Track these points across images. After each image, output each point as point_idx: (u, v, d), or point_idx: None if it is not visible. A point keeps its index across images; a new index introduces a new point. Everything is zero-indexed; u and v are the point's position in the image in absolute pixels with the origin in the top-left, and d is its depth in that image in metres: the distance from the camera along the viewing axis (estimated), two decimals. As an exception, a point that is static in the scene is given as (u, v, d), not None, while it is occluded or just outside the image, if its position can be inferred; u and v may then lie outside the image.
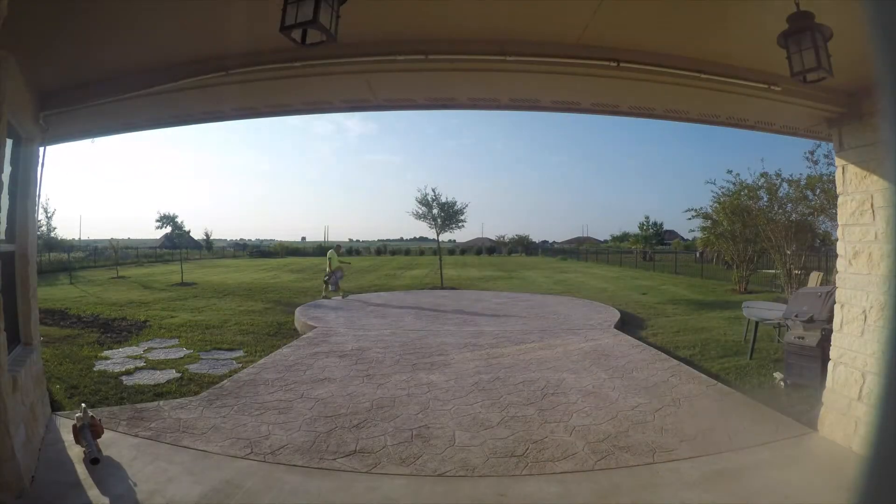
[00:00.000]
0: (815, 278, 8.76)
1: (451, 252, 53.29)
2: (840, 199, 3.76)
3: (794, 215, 12.66)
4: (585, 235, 72.83)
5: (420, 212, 17.62)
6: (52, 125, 3.92)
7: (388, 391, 5.01)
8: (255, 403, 4.59)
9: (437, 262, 20.96)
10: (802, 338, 4.99)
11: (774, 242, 12.91)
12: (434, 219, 17.57)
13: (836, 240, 3.82)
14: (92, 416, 3.57)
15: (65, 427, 3.66)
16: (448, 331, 8.32)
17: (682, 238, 45.91)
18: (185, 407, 4.47)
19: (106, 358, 6.38)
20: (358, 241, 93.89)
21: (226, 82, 3.45)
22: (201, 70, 3.26)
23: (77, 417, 3.52)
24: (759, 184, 13.10)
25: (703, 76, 3.15)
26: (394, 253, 54.18)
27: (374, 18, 2.78)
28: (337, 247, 15.82)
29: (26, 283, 3.69)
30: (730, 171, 13.77)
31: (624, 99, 4.03)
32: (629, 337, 7.81)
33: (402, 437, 3.87)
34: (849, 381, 3.52)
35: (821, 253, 13.27)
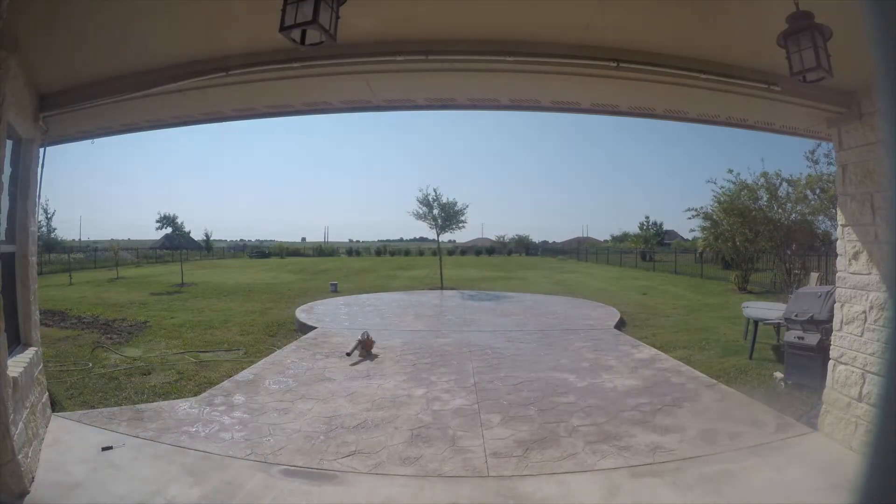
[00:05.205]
0: (815, 279, 8.77)
1: (451, 253, 53.18)
2: (840, 200, 3.76)
3: (793, 215, 12.66)
4: (585, 236, 72.67)
5: (420, 212, 17.63)
6: (52, 126, 3.92)
7: (388, 391, 5.01)
8: (255, 404, 4.59)
9: (436, 262, 20.96)
10: (802, 338, 4.99)
11: (774, 242, 12.90)
12: (434, 219, 17.58)
13: (836, 240, 3.82)
14: (368, 337, 6.58)
15: (65, 428, 3.66)
16: (448, 331, 8.32)
17: (682, 238, 45.80)
18: (186, 407, 4.47)
19: (106, 359, 6.38)
20: (358, 241, 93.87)
21: (226, 83, 3.45)
22: (201, 71, 3.26)
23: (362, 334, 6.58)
24: (759, 183, 13.10)
25: (703, 76, 3.15)
26: (393, 253, 54.12)
27: (374, 18, 2.77)
28: None
29: (26, 283, 3.69)
30: (730, 171, 13.75)
31: (624, 99, 4.04)
32: (629, 337, 7.81)
33: (403, 437, 3.87)
34: (849, 380, 3.52)
35: (820, 253, 13.25)
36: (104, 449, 3.42)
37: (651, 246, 38.17)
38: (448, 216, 17.57)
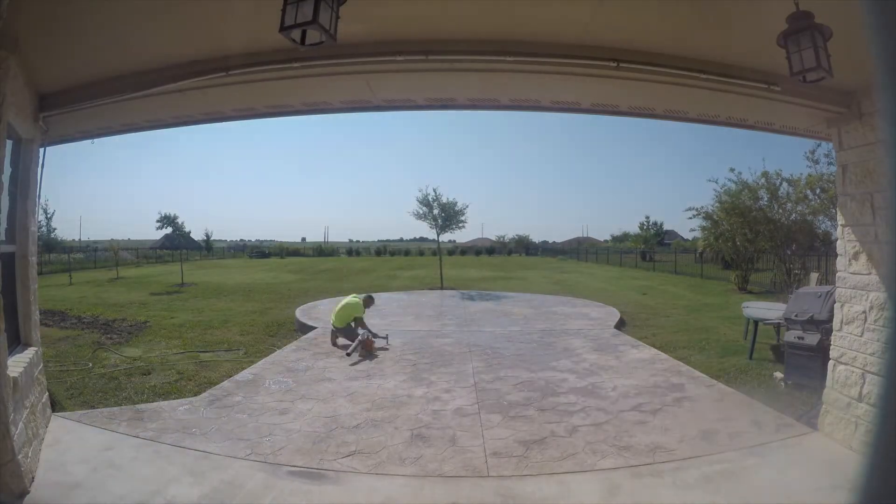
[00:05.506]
0: (815, 279, 8.78)
1: (451, 253, 53.13)
2: (840, 200, 3.76)
3: (793, 215, 12.65)
4: (585, 236, 72.63)
5: (420, 212, 17.59)
6: (52, 126, 3.92)
7: (389, 391, 5.01)
8: (255, 404, 4.59)
9: (436, 262, 20.95)
10: (802, 338, 4.99)
11: (774, 242, 12.90)
12: (434, 219, 17.54)
13: (836, 240, 3.82)
14: (368, 337, 6.72)
15: (65, 428, 3.66)
16: (448, 331, 8.32)
17: (682, 238, 45.73)
18: (186, 407, 4.47)
19: (106, 359, 6.38)
20: (358, 241, 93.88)
21: (226, 83, 3.45)
22: (201, 71, 3.26)
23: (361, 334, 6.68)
24: (760, 183, 13.09)
25: (703, 76, 3.15)
26: (393, 253, 54.10)
27: (374, 18, 2.78)
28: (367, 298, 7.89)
29: (26, 283, 3.69)
30: (732, 170, 13.71)
31: (624, 99, 4.04)
32: (629, 337, 7.81)
33: (403, 437, 3.87)
34: (849, 380, 3.52)
35: (820, 253, 13.25)
36: None
37: (651, 246, 38.07)
38: (448, 216, 17.54)
